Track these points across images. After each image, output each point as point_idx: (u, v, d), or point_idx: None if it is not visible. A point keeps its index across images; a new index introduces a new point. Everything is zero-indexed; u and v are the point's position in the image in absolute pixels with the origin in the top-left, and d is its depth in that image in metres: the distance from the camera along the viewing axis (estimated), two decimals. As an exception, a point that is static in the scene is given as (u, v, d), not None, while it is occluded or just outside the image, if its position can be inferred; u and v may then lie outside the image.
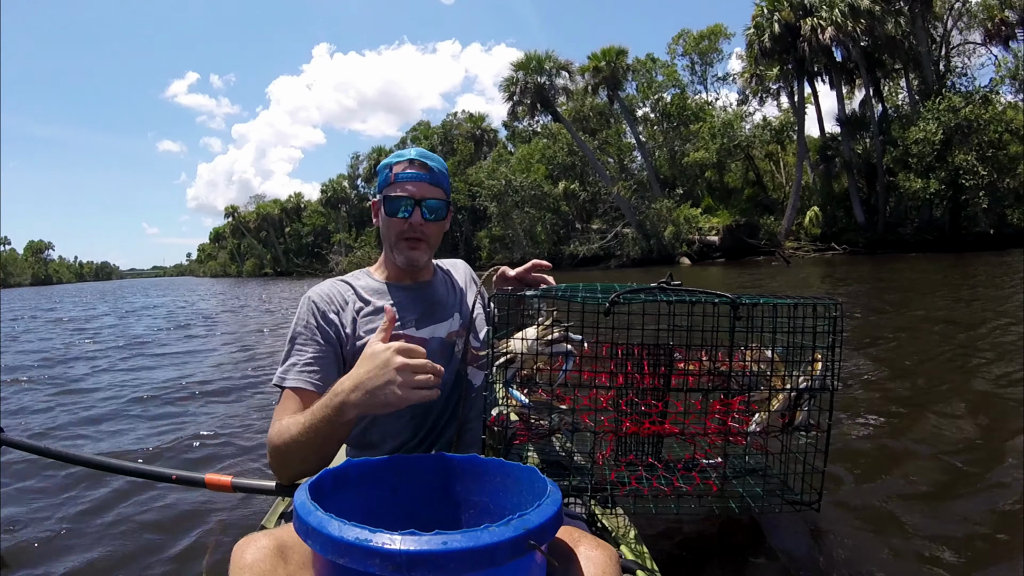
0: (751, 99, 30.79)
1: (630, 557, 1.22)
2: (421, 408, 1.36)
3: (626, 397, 1.35)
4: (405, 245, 1.37)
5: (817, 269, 17.99)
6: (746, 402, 1.32)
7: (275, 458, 1.21)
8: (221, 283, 47.46)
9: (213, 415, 4.12)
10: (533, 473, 0.93)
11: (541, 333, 1.30)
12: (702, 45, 33.36)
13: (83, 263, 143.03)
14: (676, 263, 26.19)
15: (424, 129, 48.08)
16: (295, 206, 62.40)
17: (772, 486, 1.34)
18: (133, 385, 5.40)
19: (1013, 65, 24.32)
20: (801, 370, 1.29)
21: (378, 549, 0.67)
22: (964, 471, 2.31)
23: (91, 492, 2.73)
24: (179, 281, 76.28)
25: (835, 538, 1.86)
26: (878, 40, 23.09)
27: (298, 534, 0.76)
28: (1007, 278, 10.32)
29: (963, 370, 4.00)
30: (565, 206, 31.95)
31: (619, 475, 1.33)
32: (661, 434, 1.37)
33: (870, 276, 13.63)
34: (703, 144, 29.55)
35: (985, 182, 20.21)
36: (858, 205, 24.10)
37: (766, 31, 23.99)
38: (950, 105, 20.96)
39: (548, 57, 29.70)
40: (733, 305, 1.21)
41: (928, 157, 21.02)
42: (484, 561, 0.69)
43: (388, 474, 1.00)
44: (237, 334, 9.67)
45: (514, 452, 1.39)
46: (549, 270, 1.44)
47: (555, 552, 0.91)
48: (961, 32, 25.78)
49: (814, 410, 1.29)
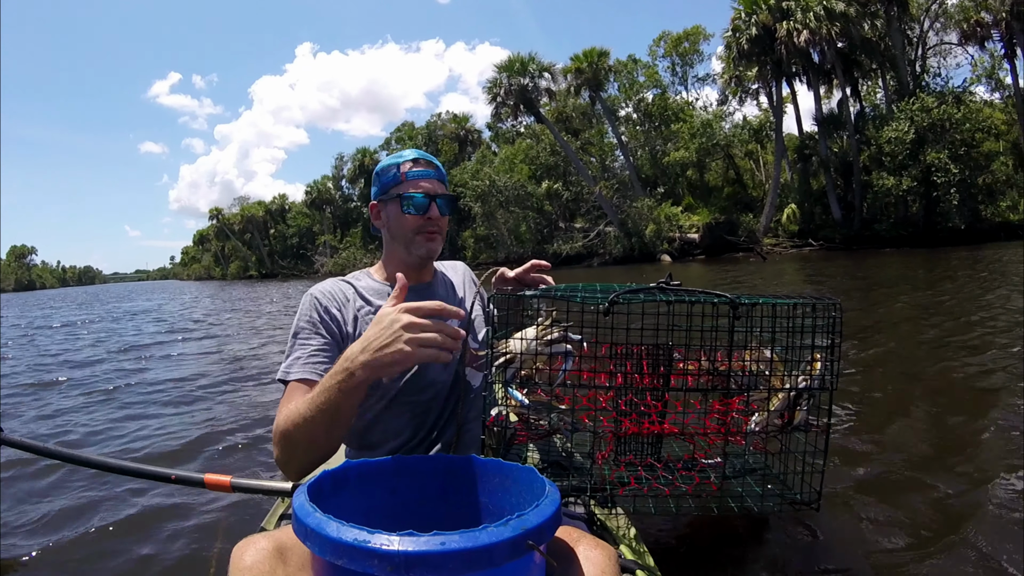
0: (731, 99, 31.14)
1: (630, 557, 1.22)
2: (420, 408, 1.36)
3: (625, 397, 1.34)
4: (424, 238, 1.38)
5: (794, 265, 18.28)
6: (745, 402, 1.31)
7: (283, 447, 1.15)
8: (207, 286, 46.84)
9: (212, 415, 4.09)
10: (532, 473, 0.93)
11: (540, 333, 1.29)
12: (682, 47, 33.60)
13: (66, 268, 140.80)
14: (657, 261, 26.38)
15: (408, 130, 47.81)
16: (279, 207, 61.64)
17: (772, 485, 1.33)
18: (130, 386, 5.37)
19: (989, 65, 24.89)
20: (800, 369, 1.29)
21: (376, 550, 0.67)
22: (964, 470, 2.29)
23: (90, 492, 2.72)
24: (163, 284, 75.16)
25: (835, 537, 1.85)
26: (854, 42, 23.40)
27: (297, 535, 0.75)
28: (981, 271, 10.51)
29: (959, 365, 3.99)
30: (548, 206, 31.98)
31: (618, 475, 1.32)
32: (660, 434, 1.36)
33: (845, 271, 13.84)
34: (683, 144, 29.77)
35: (957, 179, 20.55)
36: (835, 202, 24.41)
37: (744, 34, 24.22)
38: (923, 105, 21.29)
39: (531, 59, 29.76)
40: (732, 305, 1.20)
41: (901, 155, 21.37)
42: (482, 562, 0.68)
43: (387, 475, 0.99)
44: (233, 335, 9.60)
45: (514, 452, 1.39)
46: (548, 270, 1.43)
47: (554, 552, 0.91)
48: (937, 33, 26.27)
49: (813, 409, 1.29)
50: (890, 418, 3.02)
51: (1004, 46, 23.40)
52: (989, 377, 3.58)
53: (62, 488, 2.78)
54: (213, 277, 71.03)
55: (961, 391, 3.39)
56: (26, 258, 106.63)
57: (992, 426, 2.73)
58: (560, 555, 0.91)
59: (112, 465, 1.60)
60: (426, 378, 1.36)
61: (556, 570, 0.85)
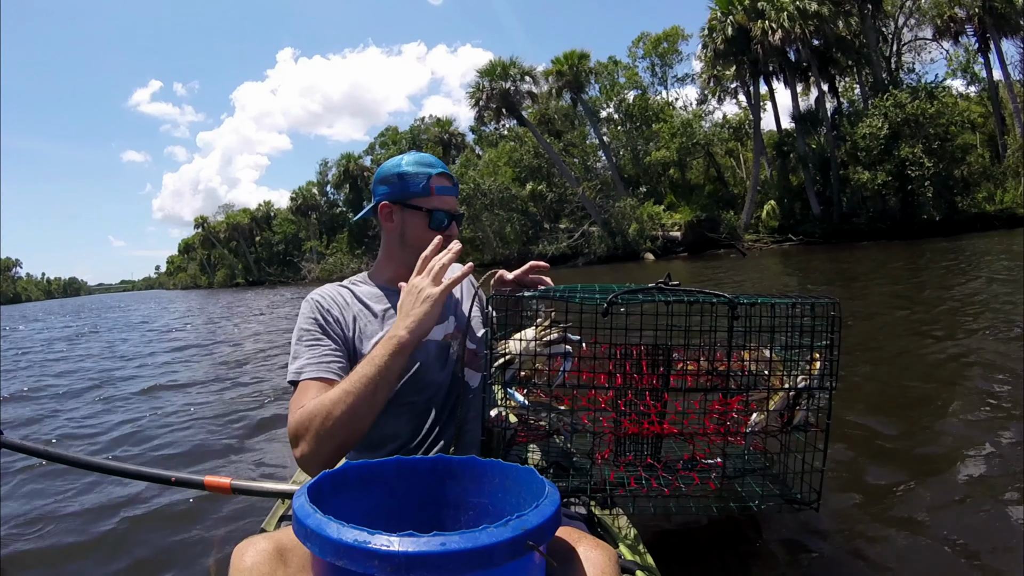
0: (710, 99, 31.41)
1: (629, 557, 1.21)
2: (420, 409, 1.36)
3: (625, 397, 1.32)
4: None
5: (775, 260, 18.47)
6: (745, 402, 1.30)
7: (311, 437, 1.12)
8: (195, 295, 46.29)
9: (212, 418, 4.06)
10: (531, 474, 0.92)
11: (539, 334, 1.28)
12: (661, 47, 33.83)
13: (51, 279, 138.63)
14: (641, 259, 26.52)
15: (392, 134, 47.66)
16: (265, 214, 61.13)
17: (771, 486, 1.32)
18: (127, 389, 5.35)
19: (964, 59, 25.32)
20: (800, 369, 1.28)
21: (376, 551, 0.66)
22: (963, 469, 2.25)
23: (90, 495, 2.69)
24: (151, 294, 74.15)
25: (834, 538, 1.83)
26: (829, 40, 23.69)
27: (297, 536, 0.75)
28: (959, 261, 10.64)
29: (953, 360, 3.92)
30: (533, 207, 32.03)
31: (618, 475, 1.31)
32: (660, 434, 1.34)
33: (824, 265, 14.00)
34: (664, 143, 29.98)
35: (931, 172, 20.86)
36: (813, 197, 24.69)
37: (720, 34, 24.44)
38: (896, 101, 21.59)
39: (512, 63, 29.90)
40: (731, 305, 1.20)
41: (875, 150, 21.66)
42: (482, 562, 0.68)
43: (387, 476, 0.98)
44: (233, 340, 9.55)
45: (514, 453, 1.37)
46: (547, 271, 1.43)
47: (554, 552, 0.90)
48: (912, 29, 26.72)
49: (812, 409, 1.27)
50: (893, 419, 2.93)
51: (978, 40, 23.83)
52: (981, 369, 3.52)
53: (61, 491, 2.74)
54: (199, 286, 70.22)
55: (972, 391, 3.26)
56: (11, 271, 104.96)
57: (1000, 428, 2.65)
58: (560, 555, 0.90)
59: (112, 468, 1.58)
60: (424, 379, 1.35)
61: (556, 570, 0.85)
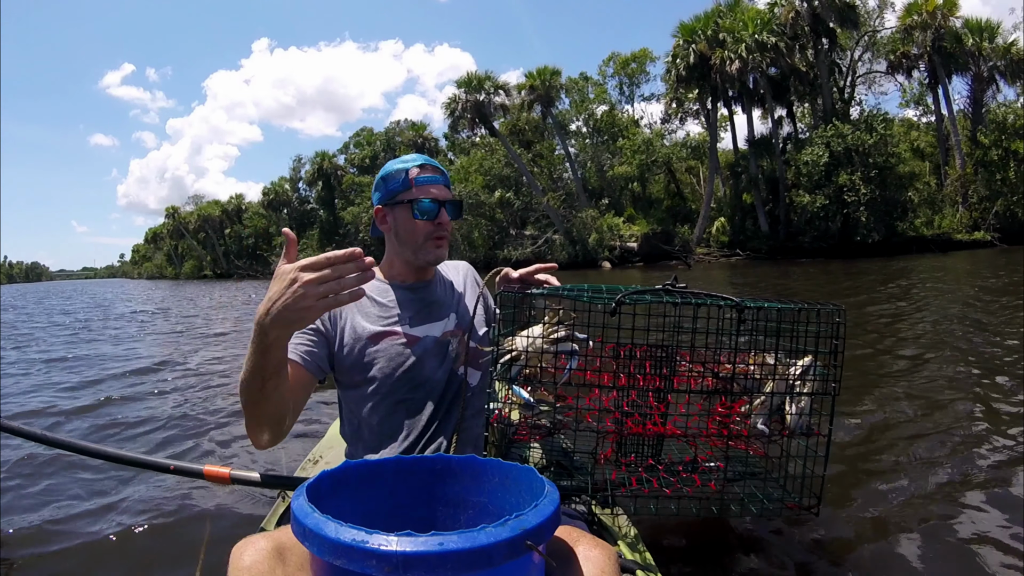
0: (673, 119, 32.11)
1: (629, 557, 1.18)
2: (415, 407, 1.31)
3: (628, 398, 1.29)
4: (433, 244, 1.36)
5: (722, 272, 19.15)
6: (748, 405, 1.27)
7: (246, 417, 1.09)
8: (164, 285, 44.63)
9: (209, 409, 3.92)
10: (531, 473, 0.88)
11: (546, 331, 1.24)
12: (630, 67, 34.36)
13: (12, 263, 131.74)
14: (599, 267, 26.86)
15: (368, 135, 47.00)
16: (236, 207, 59.40)
17: (772, 490, 1.30)
18: (124, 379, 5.15)
19: (917, 92, 26.56)
20: (799, 370, 1.25)
21: (374, 550, 0.64)
22: (963, 471, 2.25)
23: (87, 481, 2.56)
24: (117, 283, 70.92)
25: (833, 542, 1.81)
26: (784, 71, 24.48)
27: (295, 535, 0.72)
28: (889, 281, 11.09)
29: (946, 365, 3.96)
30: (500, 214, 32.09)
31: (619, 475, 1.28)
32: (662, 435, 1.32)
33: (765, 279, 14.49)
34: (627, 159, 30.48)
35: (867, 198, 21.84)
36: (763, 216, 25.50)
37: (683, 60, 25.01)
38: (837, 132, 22.52)
39: (487, 77, 30.21)
40: (738, 309, 1.18)
41: (816, 176, 22.71)
42: (481, 562, 0.65)
43: (386, 475, 0.93)
44: (227, 330, 9.29)
45: (515, 451, 1.34)
46: (554, 271, 1.38)
47: (554, 552, 0.87)
48: (866, 63, 27.99)
49: (815, 414, 1.25)
50: (893, 422, 2.91)
51: (929, 76, 24.89)
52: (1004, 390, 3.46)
53: (58, 476, 2.63)
54: (165, 276, 67.34)
55: (971, 392, 3.30)
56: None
57: (1000, 432, 2.66)
58: (560, 555, 0.88)
59: (109, 454, 1.50)
60: (420, 376, 1.31)
61: (555, 570, 0.82)
